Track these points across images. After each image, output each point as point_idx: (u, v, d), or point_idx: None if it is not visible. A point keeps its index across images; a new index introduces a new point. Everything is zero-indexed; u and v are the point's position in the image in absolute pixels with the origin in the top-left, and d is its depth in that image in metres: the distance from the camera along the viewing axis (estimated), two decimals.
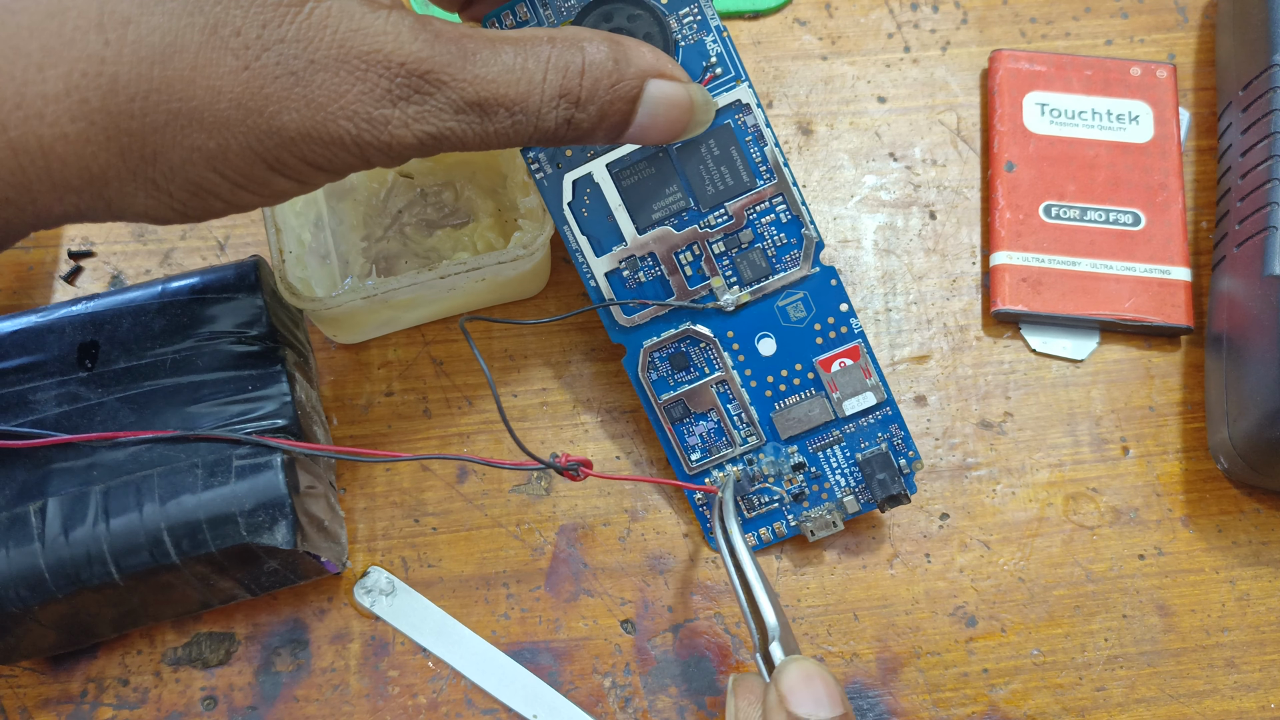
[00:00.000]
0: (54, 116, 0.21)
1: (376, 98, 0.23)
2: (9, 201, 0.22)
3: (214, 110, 0.22)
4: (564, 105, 0.26)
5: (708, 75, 0.31)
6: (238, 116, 0.22)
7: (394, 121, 0.23)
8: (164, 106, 0.22)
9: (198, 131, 0.22)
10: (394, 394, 0.36)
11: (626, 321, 0.33)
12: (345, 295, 0.32)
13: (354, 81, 0.23)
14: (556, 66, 0.25)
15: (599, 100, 0.26)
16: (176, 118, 0.22)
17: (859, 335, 0.33)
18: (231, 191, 0.23)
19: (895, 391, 0.37)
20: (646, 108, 0.27)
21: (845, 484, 0.34)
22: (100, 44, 0.21)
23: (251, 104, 0.22)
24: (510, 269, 0.33)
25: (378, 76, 0.23)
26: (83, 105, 0.21)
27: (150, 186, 0.23)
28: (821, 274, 0.32)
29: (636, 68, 0.27)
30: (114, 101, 0.21)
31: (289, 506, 0.29)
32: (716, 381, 0.33)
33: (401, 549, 0.34)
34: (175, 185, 0.23)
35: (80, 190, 0.22)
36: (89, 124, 0.21)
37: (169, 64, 0.21)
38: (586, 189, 0.32)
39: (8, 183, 0.22)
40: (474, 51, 0.24)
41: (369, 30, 0.23)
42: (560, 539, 0.35)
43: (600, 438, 0.36)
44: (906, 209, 0.39)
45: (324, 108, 0.23)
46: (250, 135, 0.22)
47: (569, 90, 0.25)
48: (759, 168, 0.32)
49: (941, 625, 0.34)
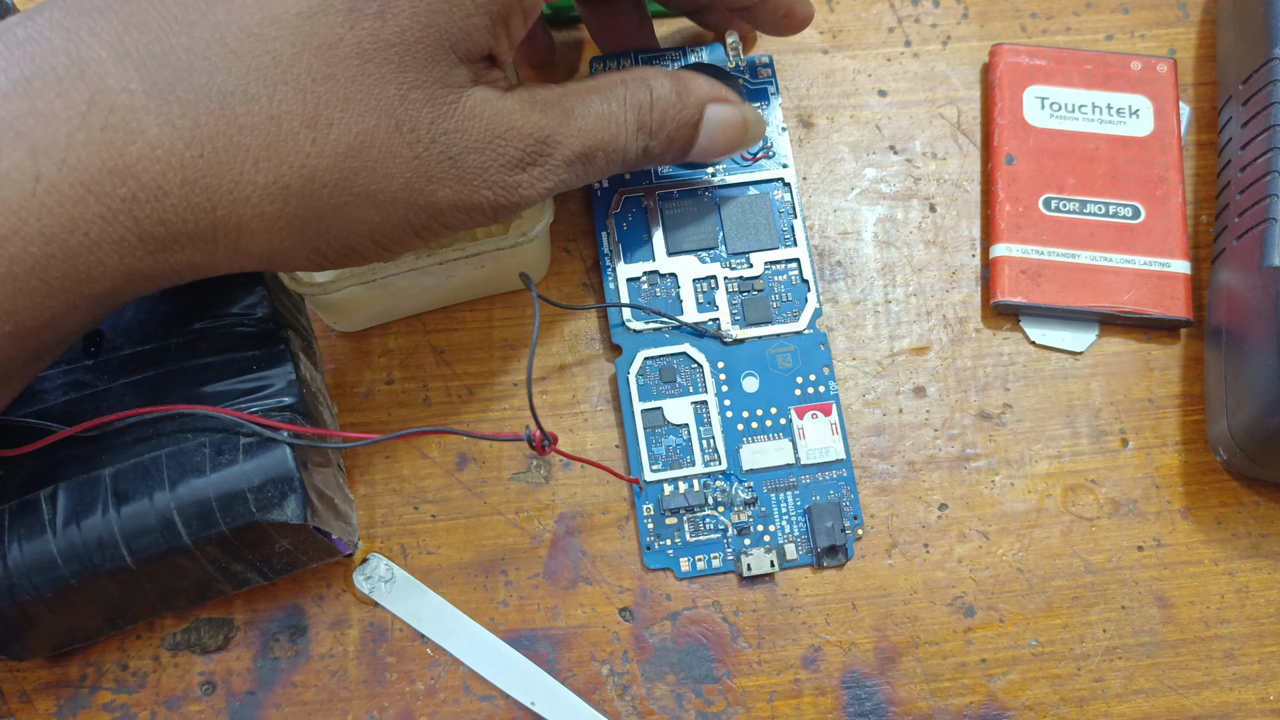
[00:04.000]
0: (257, 200, 0.25)
1: (509, 166, 0.27)
2: (194, 266, 0.26)
3: (387, 192, 0.26)
4: (641, 136, 0.30)
5: (760, 154, 0.38)
6: (404, 195, 0.26)
7: (523, 184, 0.28)
8: (348, 191, 0.25)
9: (369, 209, 0.26)
10: (394, 382, 0.36)
11: (634, 326, 0.36)
12: (344, 280, 0.32)
13: (494, 156, 0.27)
14: (632, 104, 0.30)
15: (667, 128, 0.31)
16: (355, 199, 0.25)
17: (834, 396, 0.35)
18: (375, 252, 0.27)
19: (893, 383, 0.37)
20: (707, 130, 0.32)
21: (789, 531, 0.34)
22: (308, 142, 0.24)
23: (416, 184, 0.26)
24: (509, 256, 0.33)
25: (511, 148, 0.27)
26: (283, 191, 0.25)
27: (311, 251, 0.26)
28: (814, 335, 0.36)
29: (696, 96, 0.31)
30: (310, 189, 0.25)
31: (298, 481, 0.29)
32: (697, 402, 0.35)
33: (401, 536, 0.34)
34: (333, 250, 0.26)
35: (255, 258, 0.26)
36: (284, 205, 0.25)
37: (359, 156, 0.25)
38: (634, 207, 0.37)
39: (200, 250, 0.25)
40: (572, 109, 0.29)
41: (504, 112, 0.27)
42: (559, 527, 0.35)
43: (599, 426, 0.36)
44: (907, 201, 0.39)
45: (470, 181, 0.27)
46: (409, 209, 0.26)
47: (644, 123, 0.30)
48: (784, 235, 0.37)
49: (940, 615, 0.34)
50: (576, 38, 0.41)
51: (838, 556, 0.34)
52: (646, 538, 0.34)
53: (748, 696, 0.33)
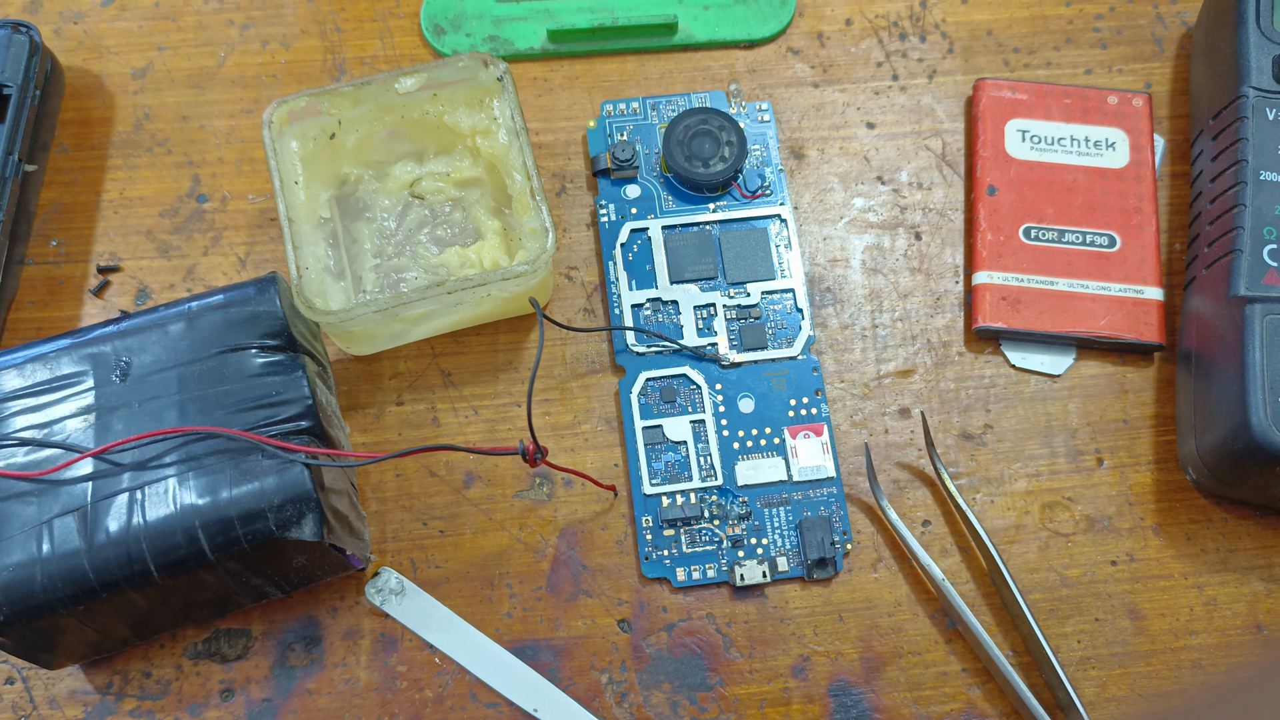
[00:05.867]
0: None
1: None
2: None
3: None
4: None
5: (759, 192, 0.40)
6: None
7: None
8: None
9: None
10: (404, 403, 0.38)
11: (636, 348, 0.38)
12: (359, 309, 0.34)
13: None
14: None
15: None
16: None
17: (825, 418, 0.37)
18: None
19: (880, 404, 0.38)
20: None
21: (781, 544, 0.36)
22: None
23: None
24: (514, 285, 0.35)
25: None
26: None
27: None
28: (806, 361, 0.38)
29: None
30: None
31: (315, 501, 0.31)
32: (695, 421, 0.37)
33: (410, 550, 0.36)
34: None
35: None
36: None
37: None
38: (639, 239, 0.39)
39: None
40: None
41: None
42: (561, 542, 0.36)
43: (599, 446, 0.38)
44: (893, 230, 0.41)
45: None
46: None
47: None
48: (780, 267, 0.39)
49: (922, 626, 0.36)
50: (577, 71, 0.42)
51: (827, 569, 0.36)
52: (645, 548, 0.36)
53: (739, 704, 0.35)
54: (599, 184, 0.40)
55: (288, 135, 0.37)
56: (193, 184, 0.40)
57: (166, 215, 0.40)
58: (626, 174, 0.40)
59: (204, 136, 0.41)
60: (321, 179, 0.38)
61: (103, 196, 0.40)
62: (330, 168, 0.38)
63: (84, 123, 0.41)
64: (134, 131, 0.41)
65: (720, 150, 0.40)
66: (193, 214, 0.40)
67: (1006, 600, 0.36)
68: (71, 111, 0.41)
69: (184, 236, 0.40)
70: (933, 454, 0.37)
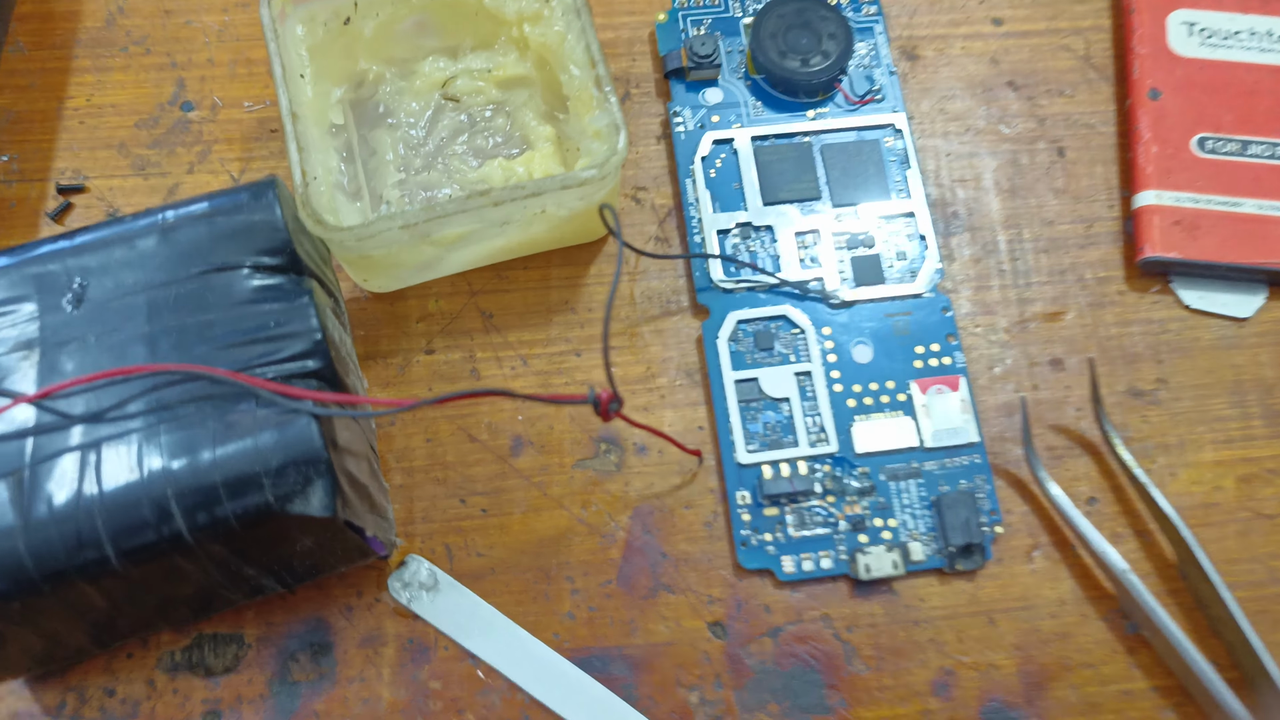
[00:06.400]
0: None
1: None
2: None
3: None
4: None
5: (868, 97, 0.33)
6: None
7: None
8: None
9: None
10: (435, 351, 0.30)
11: (724, 283, 0.31)
12: (380, 224, 0.26)
13: None
14: None
15: None
16: None
17: (962, 368, 0.30)
18: None
19: (1026, 354, 0.31)
20: None
21: (914, 526, 0.29)
22: None
23: None
24: (577, 196, 0.28)
25: None
26: None
27: None
28: (935, 300, 0.31)
29: None
30: None
31: (326, 464, 0.23)
32: (800, 373, 0.30)
33: (445, 534, 0.29)
34: None
35: None
36: None
37: None
38: (723, 152, 0.32)
39: None
40: None
41: None
42: (634, 524, 0.29)
43: (679, 404, 0.30)
44: (1031, 145, 0.33)
45: None
46: None
47: None
48: (896, 186, 0.32)
49: (1095, 631, 0.28)
50: None
51: (974, 557, 0.28)
52: (742, 531, 0.28)
53: None
54: (671, 88, 0.33)
55: (292, 19, 0.30)
56: (176, 89, 0.33)
57: (144, 126, 0.33)
58: (706, 75, 0.33)
59: (191, 34, 0.34)
60: (333, 74, 0.31)
61: (66, 104, 0.33)
62: (343, 63, 0.31)
63: (44, 17, 0.34)
64: (105, 28, 0.34)
65: (821, 45, 0.33)
66: (176, 124, 0.33)
67: (1203, 598, 0.28)
68: (30, 4, 0.34)
69: (165, 151, 0.32)
70: (1100, 414, 0.29)
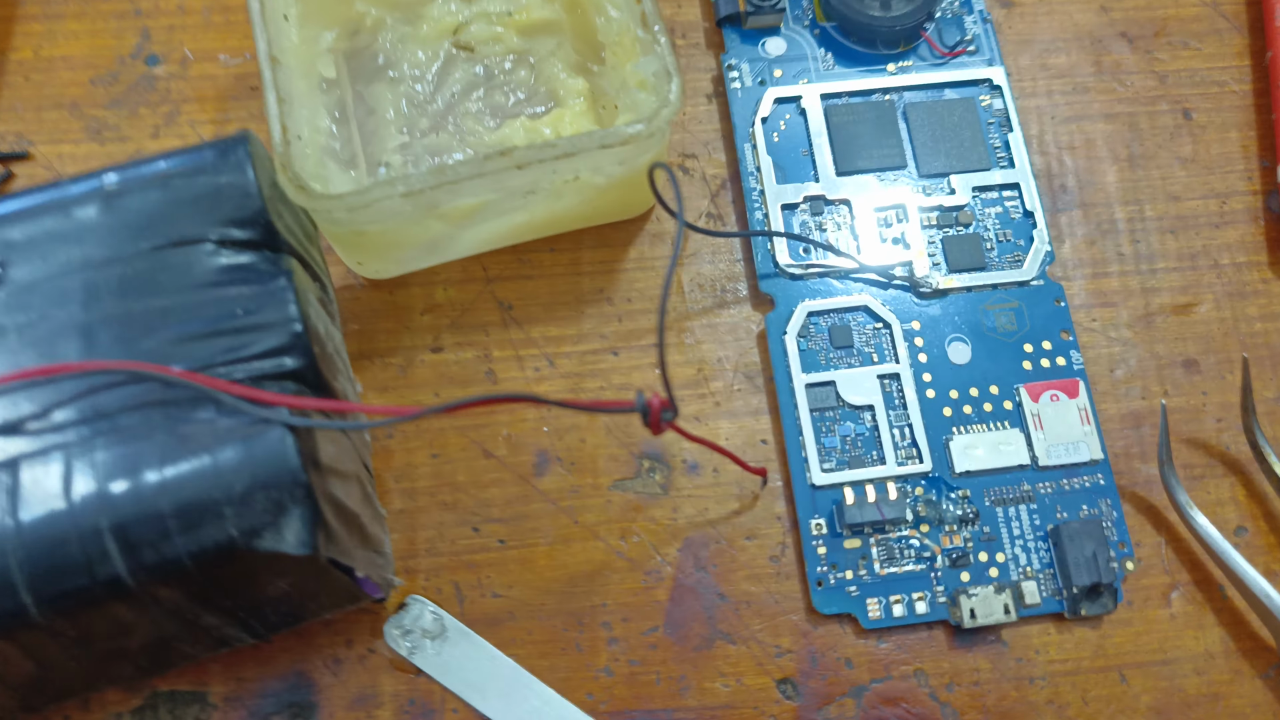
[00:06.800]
0: None
1: None
2: None
3: None
4: None
5: (959, 48, 0.28)
6: None
7: None
8: None
9: None
10: (443, 349, 0.25)
11: (792, 268, 0.26)
12: (378, 190, 0.21)
13: None
14: None
15: None
16: None
17: (1080, 372, 0.25)
18: None
19: (1154, 354, 0.26)
20: None
21: (1026, 561, 0.23)
22: None
23: None
24: (617, 160, 0.23)
25: None
26: None
27: None
28: (1046, 289, 0.26)
29: None
30: None
31: (304, 489, 0.18)
32: (884, 376, 0.25)
33: (454, 570, 0.24)
34: None
35: None
36: None
37: None
38: (787, 113, 0.27)
39: None
40: None
41: None
42: (685, 558, 0.24)
43: (738, 413, 0.25)
44: (1151, 105, 0.28)
45: None
46: None
47: None
48: (996, 153, 0.27)
49: (1251, 692, 0.23)
50: None
51: (1102, 601, 0.23)
52: (817, 567, 0.23)
53: None
54: (725, 38, 0.28)
55: None
56: (140, 40, 0.28)
57: (101, 82, 0.28)
58: (767, 21, 0.28)
59: None
60: (323, 17, 0.26)
61: (9, 56, 0.28)
62: (336, 4, 0.26)
63: None
64: None
65: None
66: (139, 81, 0.28)
67: None
68: None
69: (125, 112, 0.27)
70: (1253, 425, 0.24)
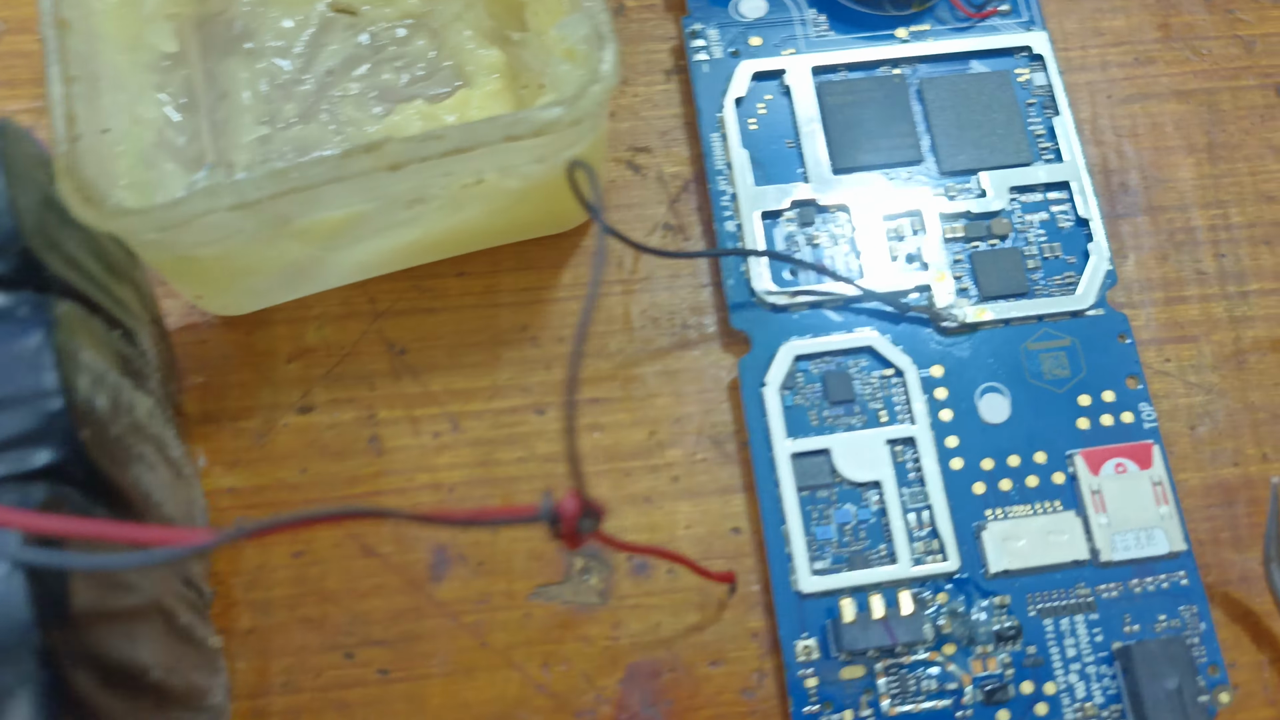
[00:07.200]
0: None
1: None
2: None
3: None
4: None
5: (990, 9, 0.22)
6: None
7: None
8: None
9: None
10: (314, 409, 0.19)
11: (773, 296, 0.20)
12: (195, 203, 0.15)
13: None
14: None
15: None
16: None
17: (1154, 433, 0.19)
18: None
19: (1247, 404, 0.20)
20: None
21: (1085, 693, 0.18)
22: None
23: None
24: (532, 155, 0.16)
25: None
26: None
27: None
28: (1106, 319, 0.20)
29: None
30: None
31: (39, 655, 0.12)
32: (896, 440, 0.19)
33: (319, 712, 0.17)
34: None
35: None
36: None
37: None
38: (768, 93, 0.21)
39: None
40: None
41: None
42: (628, 692, 0.18)
43: (702, 491, 0.19)
44: (1232, 81, 0.22)
45: None
46: None
47: None
48: (1038, 143, 0.21)
49: None
50: None
51: None
52: (804, 706, 0.17)
53: None
54: None
55: None
56: None
57: None
58: None
59: None
60: None
61: None
62: None
63: None
64: None
65: None
66: None
67: None
68: None
69: None
70: None
